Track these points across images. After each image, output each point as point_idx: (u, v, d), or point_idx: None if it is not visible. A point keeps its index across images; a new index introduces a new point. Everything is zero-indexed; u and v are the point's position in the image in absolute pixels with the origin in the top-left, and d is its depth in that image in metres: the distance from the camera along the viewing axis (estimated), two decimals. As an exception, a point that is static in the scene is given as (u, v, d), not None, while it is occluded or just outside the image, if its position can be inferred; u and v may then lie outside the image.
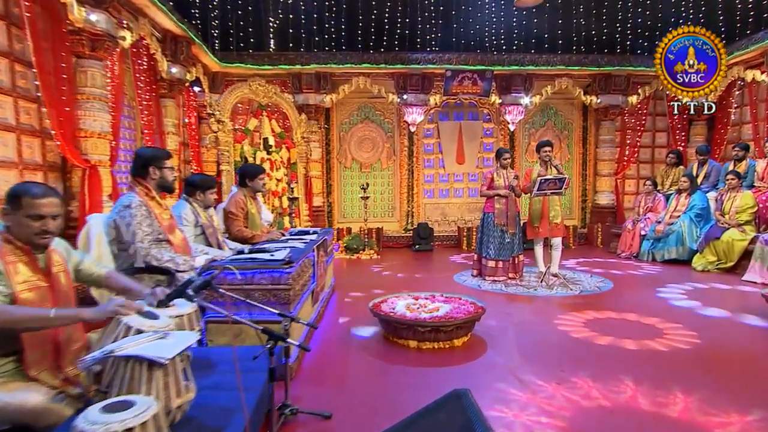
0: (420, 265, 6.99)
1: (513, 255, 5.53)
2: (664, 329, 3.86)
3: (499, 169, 5.51)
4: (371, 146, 9.27)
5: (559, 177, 5.03)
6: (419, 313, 3.82)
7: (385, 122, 9.27)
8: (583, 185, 9.67)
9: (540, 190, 5.02)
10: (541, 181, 4.97)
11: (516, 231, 5.50)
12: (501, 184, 5.44)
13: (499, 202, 5.42)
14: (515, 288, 5.28)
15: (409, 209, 9.33)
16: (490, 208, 5.45)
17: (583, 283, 5.53)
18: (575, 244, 8.90)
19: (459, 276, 5.98)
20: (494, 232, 5.42)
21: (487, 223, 5.47)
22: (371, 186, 9.05)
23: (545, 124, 9.52)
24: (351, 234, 8.57)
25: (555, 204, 5.36)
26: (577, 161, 9.63)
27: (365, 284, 5.58)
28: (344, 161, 9.24)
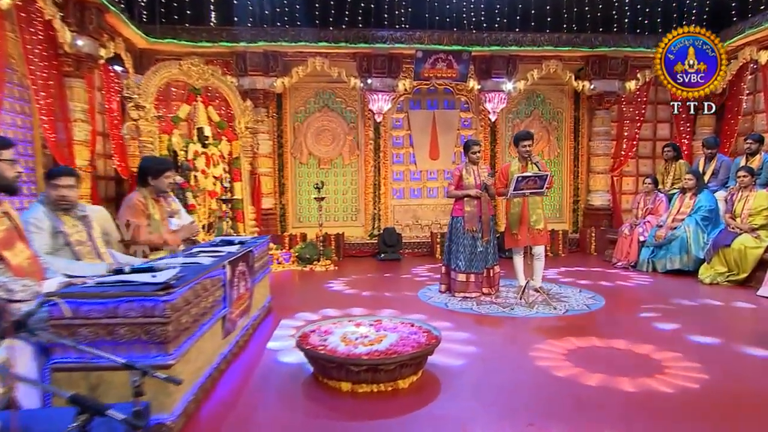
0: (382, 277, 6.75)
1: (487, 267, 5.28)
2: (663, 361, 3.52)
3: (468, 165, 5.28)
4: (331, 139, 8.99)
5: (540, 174, 4.71)
6: (356, 347, 3.31)
7: (346, 111, 8.99)
8: (575, 184, 9.48)
9: (517, 191, 4.71)
10: (518, 179, 4.64)
11: (491, 238, 5.28)
12: (471, 183, 5.20)
13: (470, 204, 5.18)
14: (489, 307, 4.99)
15: (375, 212, 9.10)
16: (459, 212, 5.23)
17: (570, 300, 5.27)
18: (565, 251, 8.75)
19: (425, 292, 5.74)
20: (464, 240, 5.16)
21: (456, 229, 5.22)
22: (331, 185, 8.94)
23: (531, 113, 9.32)
24: (305, 241, 8.23)
25: (537, 207, 5.08)
26: (567, 156, 9.46)
27: (313, 302, 5.30)
28: (299, 156, 8.95)
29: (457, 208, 5.25)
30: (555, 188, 9.36)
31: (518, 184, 4.69)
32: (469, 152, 5.18)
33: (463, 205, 5.21)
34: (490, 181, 5.13)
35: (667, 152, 7.69)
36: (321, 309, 5.06)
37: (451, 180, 5.27)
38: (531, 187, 4.74)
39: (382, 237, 8.41)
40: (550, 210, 9.38)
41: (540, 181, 4.76)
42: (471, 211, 5.20)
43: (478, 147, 5.25)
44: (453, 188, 5.25)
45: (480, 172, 5.23)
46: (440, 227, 8.85)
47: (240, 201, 7.47)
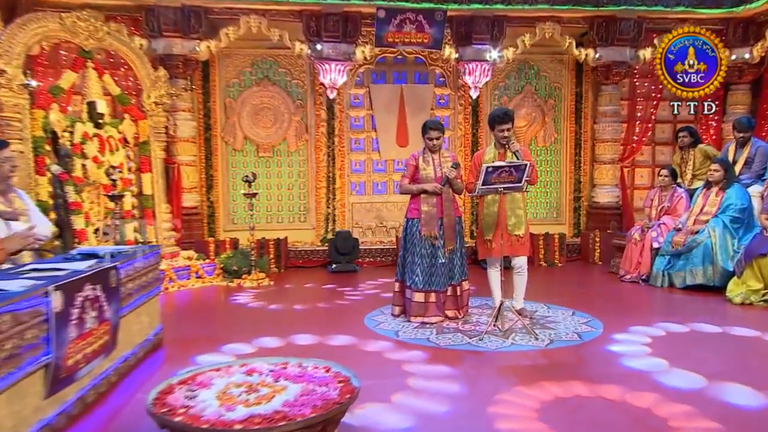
0: (328, 295, 6.57)
1: (452, 283, 5.10)
2: (670, 419, 3.13)
3: (426, 153, 5.06)
4: (273, 120, 8.73)
5: (516, 164, 4.48)
6: (232, 408, 2.72)
7: (292, 85, 8.75)
8: (577, 176, 9.32)
9: (486, 185, 4.47)
10: (488, 170, 4.39)
11: (456, 246, 5.07)
12: (430, 175, 5.01)
13: (428, 202, 4.99)
14: (452, 336, 4.72)
15: (329, 211, 8.86)
16: (415, 212, 5.04)
17: (559, 326, 5.03)
18: (562, 260, 8.57)
19: (376, 315, 5.50)
20: (421, 249, 4.97)
21: (411, 234, 5.05)
22: (272, 178, 8.77)
23: (522, 90, 9.16)
24: (235, 249, 7.88)
25: (517, 207, 4.92)
26: (567, 143, 9.31)
27: (225, 331, 5.06)
28: (232, 141, 8.68)
29: (412, 207, 5.06)
30: (552, 183, 9.32)
31: (488, 177, 4.44)
32: (425, 137, 4.97)
33: (420, 204, 5.00)
34: (453, 173, 4.89)
35: (683, 138, 7.46)
36: (228, 342, 4.70)
37: (405, 171, 5.09)
38: (505, 180, 4.50)
39: (334, 243, 8.15)
40: (546, 209, 9.36)
41: (517, 172, 4.50)
42: (429, 212, 4.98)
43: (438, 132, 4.97)
44: (407, 181, 5.05)
45: (442, 162, 5.02)
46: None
47: (150, 198, 7.09)
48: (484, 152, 5.00)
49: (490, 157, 4.89)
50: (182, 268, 6.98)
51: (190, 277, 7.04)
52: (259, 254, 7.74)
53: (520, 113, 8.94)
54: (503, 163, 4.52)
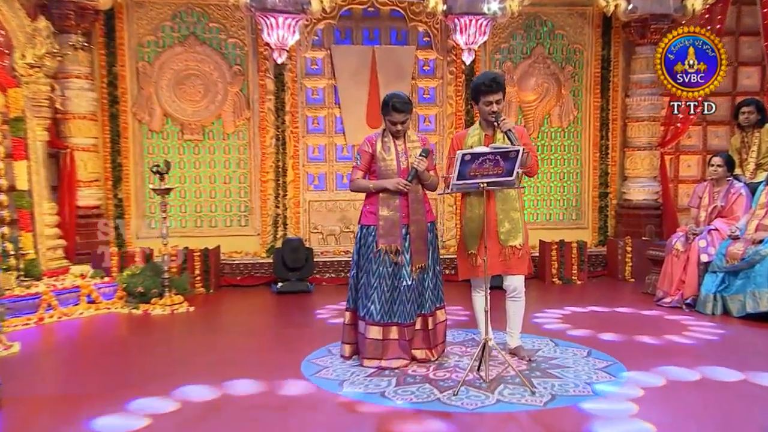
0: (262, 328, 6.50)
1: (422, 313, 4.90)
2: None
3: (387, 136, 4.90)
4: (202, 91, 8.47)
5: (504, 149, 4.31)
6: None
7: (228, 45, 8.51)
8: (603, 166, 9.18)
9: (462, 180, 4.32)
10: (463, 158, 4.21)
11: (429, 263, 4.90)
12: (391, 167, 4.87)
13: (388, 204, 4.84)
14: (417, 389, 4.38)
15: (278, 212, 8.68)
16: (371, 217, 4.91)
17: (568, 374, 4.72)
18: (582, 277, 8.41)
19: (319, 357, 5.22)
20: (379, 268, 4.82)
21: (366, 247, 4.92)
22: (202, 168, 8.57)
23: (532, 52, 8.95)
24: (149, 262, 7.58)
25: (512, 208, 4.81)
26: (590, 122, 9.12)
27: (131, 379, 4.77)
28: (148, 119, 8.41)
29: (367, 210, 4.94)
30: (570, 174, 9.14)
31: (464, 168, 4.24)
32: (386, 118, 4.81)
33: (377, 206, 4.84)
34: (424, 164, 4.72)
35: (747, 114, 7.33)
36: (128, 400, 4.23)
37: (357, 160, 4.95)
38: (489, 172, 4.32)
39: (280, 255, 7.90)
40: (561, 209, 9.18)
41: (506, 161, 4.28)
42: (390, 217, 4.82)
43: (404, 115, 4.76)
44: (360, 175, 4.92)
45: (408, 148, 4.88)
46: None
47: (26, 194, 6.76)
48: (466, 134, 4.87)
49: (473, 140, 4.76)
50: (69, 290, 6.61)
51: (80, 302, 6.69)
52: (180, 269, 7.55)
53: (529, 84, 8.78)
54: (485, 149, 4.29)
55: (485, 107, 4.63)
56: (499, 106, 4.61)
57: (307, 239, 8.58)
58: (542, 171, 8.89)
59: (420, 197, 4.83)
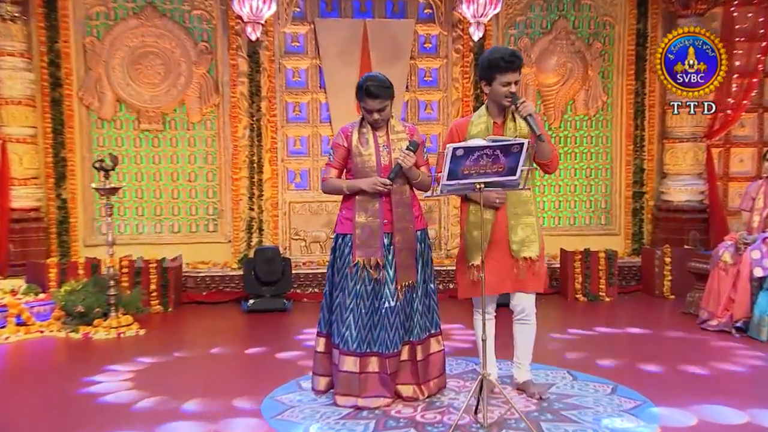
0: (223, 356, 6.35)
1: (409, 341, 4.80)
2: None
3: (365, 126, 4.83)
4: (162, 73, 8.36)
5: (503, 143, 4.21)
6: None
7: (193, 18, 8.38)
8: (637, 162, 9.04)
9: (454, 179, 4.23)
10: (455, 153, 4.11)
11: (419, 279, 4.82)
12: (369, 163, 4.79)
13: (366, 208, 4.75)
14: None
15: (252, 215, 8.55)
16: (346, 225, 4.86)
17: (586, 415, 4.60)
18: (612, 293, 8.25)
19: (286, 393, 5.14)
20: (356, 286, 4.74)
21: (341, 260, 4.85)
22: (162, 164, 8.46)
23: (553, 27, 8.84)
24: (95, 274, 7.43)
25: (525, 211, 4.71)
26: (623, 109, 9.01)
27: None
28: (98, 105, 8.26)
29: (342, 216, 4.88)
30: (599, 171, 9.05)
31: (457, 165, 4.14)
32: (361, 104, 4.73)
33: (354, 211, 4.75)
34: (410, 160, 4.58)
35: None
36: None
37: (331, 157, 4.88)
38: (488, 171, 4.21)
39: (252, 267, 7.77)
40: (587, 212, 9.08)
41: (508, 157, 4.16)
42: (368, 224, 4.72)
43: (381, 102, 4.62)
44: (334, 173, 4.87)
45: (391, 141, 4.77)
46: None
47: None
48: (468, 121, 4.74)
49: (478, 129, 4.60)
50: (-5, 309, 6.54)
51: (7, 323, 6.59)
52: (132, 284, 7.44)
53: (549, 64, 8.62)
54: (482, 142, 4.16)
55: (501, 88, 4.45)
56: (516, 88, 4.48)
57: (287, 247, 8.52)
58: (565, 166, 8.94)
59: (407, 200, 4.70)
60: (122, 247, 7.88)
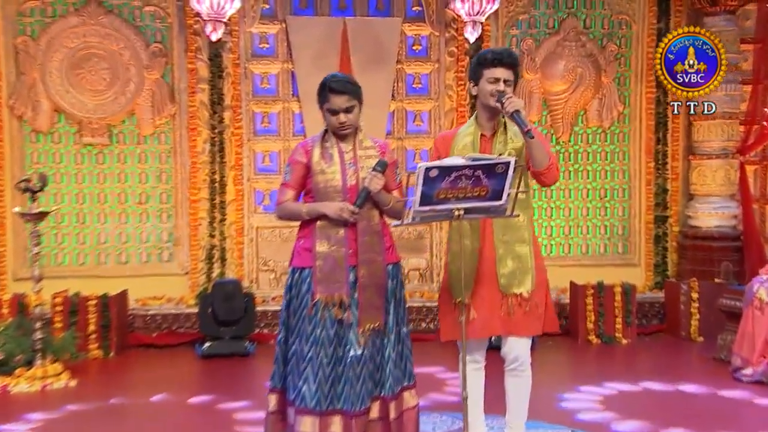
0: (165, 412, 6.23)
1: (382, 396, 4.68)
2: None
3: (330, 140, 4.75)
4: (108, 78, 8.15)
5: (486, 162, 4.13)
6: None
7: (145, 15, 8.25)
8: (659, 181, 8.89)
9: (428, 205, 4.14)
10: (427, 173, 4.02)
11: (390, 322, 4.73)
12: (334, 183, 4.72)
13: (329, 237, 4.70)
14: None
15: (213, 242, 8.36)
16: (305, 257, 4.77)
17: None
18: (630, 335, 8.05)
19: None
20: (316, 330, 4.63)
21: (299, 299, 4.70)
22: (108, 183, 8.28)
23: (560, 26, 8.74)
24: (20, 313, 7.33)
25: (517, 237, 4.63)
26: (642, 120, 8.88)
27: None
28: (32, 116, 8.06)
29: (300, 247, 4.76)
30: (615, 191, 8.91)
31: (431, 188, 4.07)
32: (323, 107, 4.58)
33: (314, 240, 4.63)
34: (379, 183, 4.47)
35: None
36: None
37: (287, 174, 4.75)
38: (469, 195, 4.13)
39: (209, 303, 7.58)
40: (601, 239, 8.90)
41: (491, 178, 4.09)
42: (330, 255, 4.62)
43: (348, 99, 4.48)
44: (291, 195, 4.73)
45: (359, 157, 4.65)
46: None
47: None
48: (455, 134, 4.65)
49: (465, 143, 4.50)
50: None
51: None
52: (67, 325, 7.23)
53: (557, 69, 8.47)
54: (460, 161, 4.04)
55: (488, 85, 4.31)
56: (509, 89, 4.32)
57: (254, 280, 8.36)
58: (576, 186, 8.90)
59: (375, 227, 4.51)
60: (59, 281, 7.71)
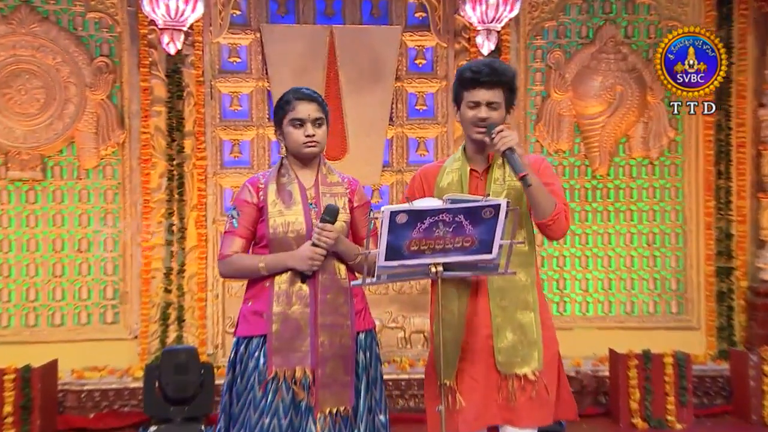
0: None
1: None
2: None
3: (287, 172, 4.53)
4: (43, 100, 7.90)
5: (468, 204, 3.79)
6: None
7: (88, 23, 8.02)
8: (721, 224, 8.47)
9: (397, 260, 3.82)
10: (393, 219, 3.71)
11: (361, 406, 4.49)
12: (295, 227, 4.41)
13: (288, 294, 4.35)
14: None
15: (168, 300, 8.01)
16: (254, 321, 4.45)
17: None
18: (686, 415, 7.67)
19: None
20: (264, 418, 4.28)
21: (245, 377, 4.42)
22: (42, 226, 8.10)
23: (596, 35, 8.48)
24: None
25: (517, 300, 4.22)
26: (699, 149, 8.58)
27: None
28: None
29: (248, 310, 4.47)
30: (665, 237, 8.53)
31: (399, 238, 3.76)
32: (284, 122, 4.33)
33: (269, 299, 4.34)
34: (329, 238, 4.25)
35: None
36: None
37: (234, 221, 4.42)
38: (451, 246, 3.86)
39: (157, 377, 7.14)
40: (648, 293, 8.47)
41: (477, 225, 3.81)
42: (292, 317, 4.37)
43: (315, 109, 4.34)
44: (240, 245, 4.46)
45: (321, 196, 4.47)
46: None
47: None
48: (439, 169, 4.45)
49: (451, 180, 4.31)
50: None
51: None
52: None
53: (592, 86, 8.24)
54: (436, 204, 3.82)
55: (468, 111, 3.98)
56: (496, 114, 3.93)
57: (219, 345, 8.01)
58: (617, 230, 8.45)
59: (341, 283, 4.24)
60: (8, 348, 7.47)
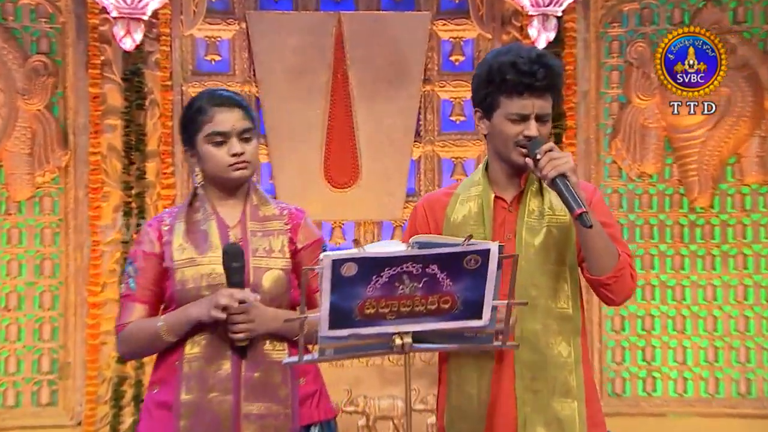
0: None
1: None
2: None
3: (200, 209, 4.09)
4: None
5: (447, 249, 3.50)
6: None
7: (21, 12, 7.89)
8: None
9: (346, 327, 3.62)
10: (336, 269, 3.40)
11: None
12: (211, 281, 4.05)
13: (202, 374, 4.11)
14: None
15: (123, 374, 7.82)
16: (159, 417, 4.16)
17: None
18: None
19: None
20: None
21: None
22: None
23: (690, 23, 8.47)
24: None
25: (552, 383, 3.91)
26: None
27: None
28: None
29: (151, 400, 4.09)
30: None
31: (348, 299, 3.32)
32: (195, 140, 3.90)
33: (178, 378, 3.96)
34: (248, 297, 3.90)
35: None
36: None
37: (131, 280, 3.96)
38: (422, 309, 3.40)
39: None
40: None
41: (459, 279, 3.45)
42: (207, 406, 4.04)
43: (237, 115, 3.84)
44: (141, 311, 3.86)
45: (250, 236, 4.04)
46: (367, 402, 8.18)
47: None
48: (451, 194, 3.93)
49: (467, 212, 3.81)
50: None
51: None
52: None
53: None
54: (397, 248, 3.28)
55: (510, 126, 3.51)
56: (545, 130, 3.46)
57: None
58: (727, 282, 7.79)
59: (273, 357, 3.91)
60: None
